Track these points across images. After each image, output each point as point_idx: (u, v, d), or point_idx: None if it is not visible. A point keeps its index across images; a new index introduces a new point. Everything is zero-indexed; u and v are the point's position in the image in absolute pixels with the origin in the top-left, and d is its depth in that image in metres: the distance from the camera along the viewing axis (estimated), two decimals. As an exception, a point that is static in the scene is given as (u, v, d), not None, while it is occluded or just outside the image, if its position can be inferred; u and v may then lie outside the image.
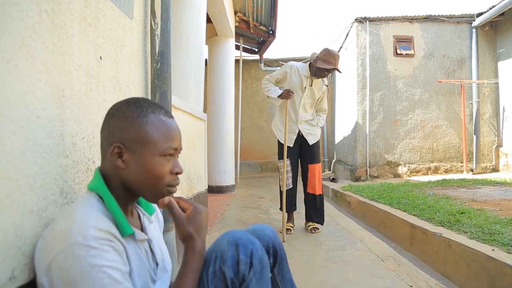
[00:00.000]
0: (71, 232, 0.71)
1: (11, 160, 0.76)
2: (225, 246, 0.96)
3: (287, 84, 3.18)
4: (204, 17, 3.01)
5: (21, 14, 0.80)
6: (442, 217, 2.73)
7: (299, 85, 3.18)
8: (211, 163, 5.52)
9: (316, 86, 3.22)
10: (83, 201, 0.81)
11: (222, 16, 5.07)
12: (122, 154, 0.84)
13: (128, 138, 0.83)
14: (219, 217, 3.83)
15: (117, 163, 0.84)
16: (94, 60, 1.15)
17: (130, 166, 0.84)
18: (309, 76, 3.17)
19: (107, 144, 0.85)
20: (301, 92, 3.19)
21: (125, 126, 0.83)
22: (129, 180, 0.85)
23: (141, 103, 0.87)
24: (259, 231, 1.11)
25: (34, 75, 0.85)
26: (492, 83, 6.46)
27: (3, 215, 0.74)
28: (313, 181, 3.21)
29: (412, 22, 6.54)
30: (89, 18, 1.12)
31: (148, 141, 0.84)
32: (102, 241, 0.73)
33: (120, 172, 0.85)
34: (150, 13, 1.61)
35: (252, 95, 9.00)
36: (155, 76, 1.59)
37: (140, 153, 0.84)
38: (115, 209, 0.83)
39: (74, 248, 0.70)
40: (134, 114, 0.84)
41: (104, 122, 0.87)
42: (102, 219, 0.78)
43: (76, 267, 0.69)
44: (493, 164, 6.50)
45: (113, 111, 0.86)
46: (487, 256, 1.89)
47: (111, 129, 0.84)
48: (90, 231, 0.72)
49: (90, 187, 0.85)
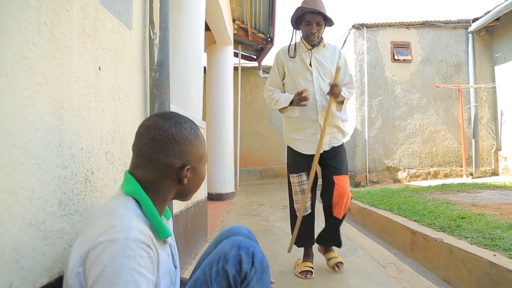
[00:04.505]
0: (115, 228, 0.75)
1: (10, 173, 0.76)
2: (228, 247, 1.01)
3: (289, 76, 2.37)
4: (202, 25, 3.03)
5: (20, 27, 0.80)
6: (443, 223, 2.72)
7: (302, 67, 2.33)
8: (210, 171, 5.52)
9: (322, 55, 2.35)
10: (122, 203, 0.84)
11: (220, 24, 5.10)
12: (187, 173, 0.93)
13: (193, 159, 0.94)
14: (219, 224, 3.81)
15: (183, 182, 0.92)
16: (93, 71, 1.15)
17: (190, 180, 0.95)
18: (306, 47, 2.34)
19: (167, 166, 0.90)
20: (309, 74, 2.32)
21: (191, 149, 0.93)
22: (185, 191, 0.97)
23: (187, 123, 0.95)
24: (234, 230, 1.22)
25: (33, 87, 0.85)
26: (490, 87, 6.49)
27: (1, 228, 0.74)
28: (340, 200, 2.26)
29: (409, 28, 6.58)
30: (88, 29, 1.12)
31: (202, 156, 0.97)
32: (141, 245, 0.75)
33: (178, 187, 0.94)
34: (149, 23, 1.62)
35: (251, 102, 9.03)
36: (154, 85, 1.59)
37: (198, 168, 0.97)
38: (155, 213, 0.87)
39: (115, 244, 0.73)
40: (193, 136, 0.94)
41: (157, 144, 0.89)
42: (142, 222, 0.81)
43: (110, 262, 0.71)
44: (493, 168, 6.50)
45: (173, 135, 0.90)
46: (488, 261, 1.88)
47: (177, 154, 0.90)
48: (133, 231, 0.75)
49: (127, 191, 0.88)
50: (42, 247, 0.86)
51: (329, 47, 2.40)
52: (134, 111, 1.50)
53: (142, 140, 0.90)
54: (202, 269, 1.02)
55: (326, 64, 2.34)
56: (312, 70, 2.32)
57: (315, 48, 2.34)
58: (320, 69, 2.33)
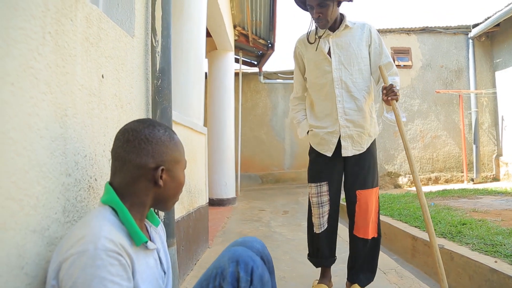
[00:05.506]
0: (84, 239, 0.75)
1: (15, 181, 0.77)
2: (226, 262, 0.98)
3: (309, 67, 2.05)
4: (204, 31, 3.05)
5: (25, 37, 0.82)
6: (444, 228, 2.72)
7: (319, 56, 1.98)
8: (211, 176, 5.52)
9: (345, 39, 1.95)
10: (97, 213, 0.84)
11: (221, 30, 5.14)
12: (162, 175, 0.92)
13: (167, 160, 0.93)
14: (220, 230, 3.81)
15: (159, 183, 0.91)
16: (96, 79, 1.16)
17: (167, 184, 0.93)
18: (324, 33, 1.96)
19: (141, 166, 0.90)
20: (327, 65, 1.96)
21: (165, 150, 0.92)
22: (163, 196, 0.94)
23: (162, 126, 0.96)
24: (247, 243, 1.15)
25: (38, 96, 0.86)
26: (490, 93, 6.50)
27: (6, 235, 0.75)
28: (364, 218, 1.96)
29: (409, 34, 6.61)
30: (91, 38, 1.14)
31: (177, 160, 0.96)
32: (110, 253, 0.75)
33: (155, 190, 0.92)
34: (151, 30, 1.64)
35: (252, 107, 9.05)
36: (156, 92, 1.61)
37: (175, 171, 0.95)
38: (130, 220, 0.86)
39: (84, 256, 0.73)
40: (167, 137, 0.94)
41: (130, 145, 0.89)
42: (115, 230, 0.81)
43: (81, 274, 0.72)
44: (494, 174, 6.50)
45: (146, 136, 0.90)
46: (490, 268, 1.88)
47: (150, 154, 0.90)
48: (101, 241, 0.75)
49: (104, 200, 0.88)
50: (46, 253, 0.87)
51: (355, 26, 1.97)
52: (136, 118, 1.51)
53: (117, 143, 0.92)
54: (200, 283, 1.01)
55: (350, 49, 1.94)
56: (332, 58, 1.94)
57: (335, 32, 1.95)
58: (342, 57, 1.94)
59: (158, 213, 1.58)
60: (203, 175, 3.18)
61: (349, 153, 1.97)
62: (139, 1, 1.59)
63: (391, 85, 1.85)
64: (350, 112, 1.96)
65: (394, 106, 1.87)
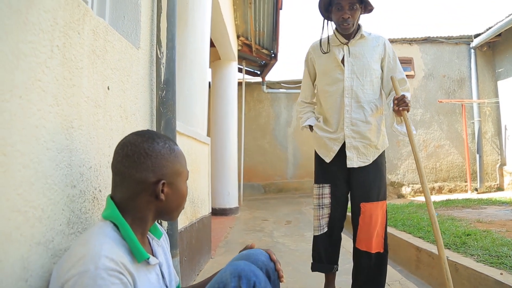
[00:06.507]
0: (85, 258, 0.75)
1: (21, 193, 0.78)
2: (228, 277, 0.95)
3: (320, 74, 2.04)
4: (208, 42, 3.08)
5: (34, 51, 0.83)
6: (448, 239, 2.70)
7: (332, 64, 1.97)
8: (214, 186, 5.51)
9: (359, 48, 1.95)
10: (98, 230, 0.84)
11: (225, 40, 5.19)
12: (163, 188, 0.91)
13: (168, 173, 0.92)
14: (222, 240, 3.80)
15: (160, 197, 0.90)
16: (102, 91, 1.18)
17: (169, 197, 0.93)
18: (340, 41, 1.95)
19: (141, 181, 0.89)
20: (340, 73, 1.94)
21: (165, 163, 0.91)
22: (166, 209, 0.94)
23: (161, 138, 0.95)
24: (252, 256, 1.13)
25: (45, 108, 0.87)
26: (493, 102, 6.50)
27: (11, 248, 0.75)
28: (366, 231, 1.91)
29: (411, 44, 6.65)
30: (98, 50, 1.15)
31: (179, 172, 0.95)
32: (112, 272, 0.75)
33: (157, 204, 0.92)
34: (156, 42, 1.66)
35: (255, 117, 9.07)
36: (161, 103, 1.62)
37: (177, 183, 0.94)
38: (132, 236, 0.85)
39: (85, 276, 0.72)
40: (167, 150, 0.93)
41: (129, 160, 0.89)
42: (116, 248, 0.80)
43: None
44: (498, 183, 6.46)
45: (145, 150, 0.89)
46: (495, 280, 1.86)
47: (150, 168, 0.89)
48: (102, 260, 0.75)
49: (105, 216, 0.88)
50: (51, 266, 0.87)
51: (370, 37, 1.97)
52: (141, 129, 1.52)
53: (117, 158, 0.91)
54: None
55: (364, 59, 1.92)
56: (345, 67, 1.92)
57: (351, 40, 1.94)
58: (355, 66, 1.92)
59: (161, 223, 1.58)
60: (206, 185, 3.18)
61: (355, 165, 1.93)
62: (145, 13, 1.61)
63: (403, 96, 1.84)
64: (357, 123, 1.94)
65: (405, 117, 1.86)
